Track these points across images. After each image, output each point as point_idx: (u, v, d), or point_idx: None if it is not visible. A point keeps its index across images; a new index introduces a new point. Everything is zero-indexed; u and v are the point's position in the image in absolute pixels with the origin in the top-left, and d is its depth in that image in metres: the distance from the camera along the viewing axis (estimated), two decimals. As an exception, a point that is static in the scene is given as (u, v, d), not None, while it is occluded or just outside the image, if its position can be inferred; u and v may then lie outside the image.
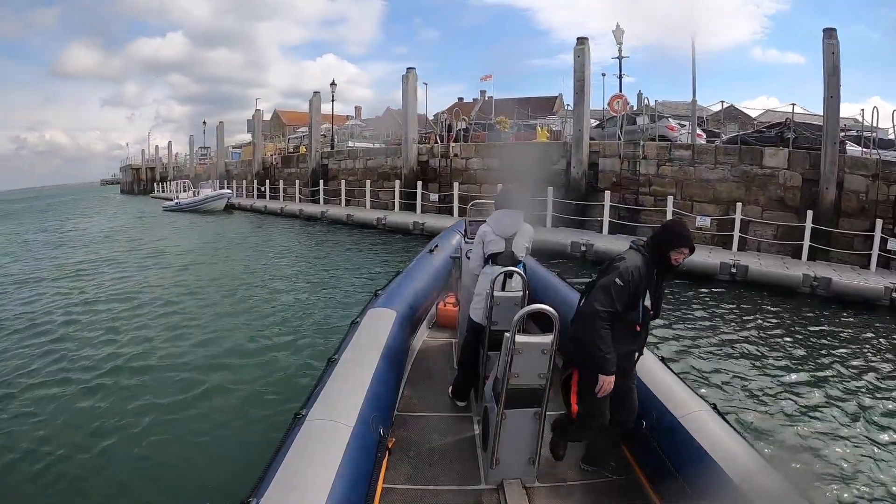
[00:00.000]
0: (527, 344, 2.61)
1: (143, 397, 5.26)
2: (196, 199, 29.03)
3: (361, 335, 3.59)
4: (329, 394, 2.87)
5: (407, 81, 20.03)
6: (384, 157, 22.00)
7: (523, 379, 2.67)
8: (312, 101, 25.39)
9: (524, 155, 17.11)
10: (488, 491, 2.86)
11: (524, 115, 24.45)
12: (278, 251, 14.77)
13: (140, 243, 16.99)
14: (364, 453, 2.58)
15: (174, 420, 4.78)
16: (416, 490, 2.88)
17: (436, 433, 3.37)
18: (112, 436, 4.55)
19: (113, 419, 4.83)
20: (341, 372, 3.08)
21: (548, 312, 2.56)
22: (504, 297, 3.23)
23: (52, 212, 37.12)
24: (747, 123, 16.86)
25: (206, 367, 6.02)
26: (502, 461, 2.83)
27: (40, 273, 12.29)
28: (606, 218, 13.81)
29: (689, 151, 13.19)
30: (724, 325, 7.34)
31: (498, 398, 2.72)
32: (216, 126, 40.03)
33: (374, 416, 2.82)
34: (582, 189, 14.94)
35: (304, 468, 2.26)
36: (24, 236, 21.00)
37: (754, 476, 2.37)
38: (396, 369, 3.55)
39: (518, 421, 2.76)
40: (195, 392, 5.33)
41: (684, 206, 12.73)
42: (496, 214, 3.56)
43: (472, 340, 3.54)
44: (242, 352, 6.52)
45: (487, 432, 2.90)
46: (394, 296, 4.36)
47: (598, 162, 14.97)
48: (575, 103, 16.25)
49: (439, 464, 3.06)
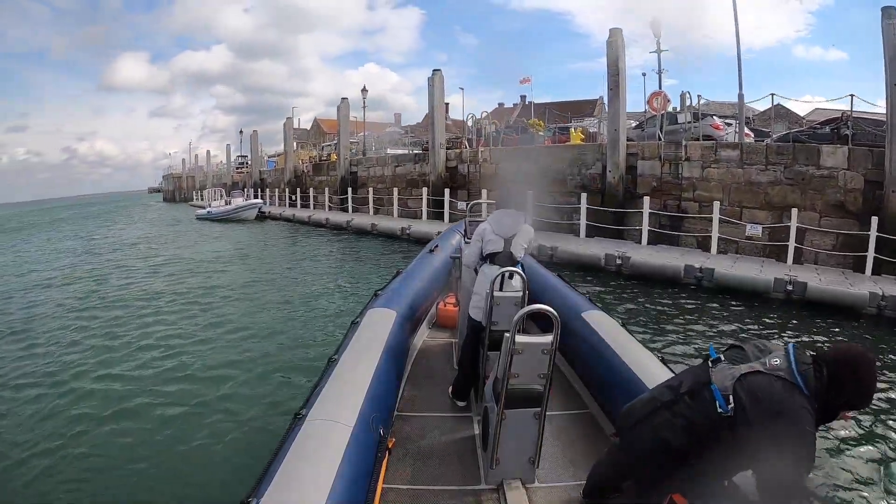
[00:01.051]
0: (527, 344, 2.70)
1: (143, 398, 5.51)
2: (227, 209, 30.26)
3: (361, 335, 3.73)
4: (329, 394, 2.98)
5: (433, 83, 19.70)
6: (412, 163, 22.18)
7: (523, 379, 2.75)
8: (340, 107, 25.50)
9: (556, 158, 16.78)
10: (488, 491, 2.94)
11: (563, 118, 23.82)
12: (293, 259, 15.37)
13: (160, 251, 18.35)
14: (364, 453, 2.66)
15: (174, 420, 4.99)
16: (416, 490, 2.97)
17: (436, 433, 3.48)
18: (112, 436, 4.77)
19: (112, 420, 5.06)
20: (341, 372, 3.21)
21: (548, 312, 2.64)
22: (504, 297, 3.34)
23: (93, 219, 40.65)
24: (795, 122, 16.38)
25: (206, 367, 6.38)
26: (502, 461, 2.91)
27: (51, 278, 13.47)
28: (646, 227, 13.10)
29: (737, 151, 12.42)
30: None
31: (498, 398, 2.81)
32: (250, 135, 41.38)
33: (374, 415, 2.92)
34: (619, 195, 14.19)
35: (303, 468, 2.33)
36: (56, 244, 23.35)
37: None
38: (396, 369, 3.68)
39: (518, 421, 2.85)
40: (195, 392, 5.58)
41: (732, 213, 12.09)
42: (497, 214, 3.72)
43: (472, 340, 3.67)
44: (242, 352, 6.88)
45: (487, 432, 3.00)
46: (394, 296, 4.52)
47: (636, 165, 14.22)
48: (609, 100, 15.44)
49: (439, 464, 3.18)
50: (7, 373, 6.39)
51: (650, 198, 13.24)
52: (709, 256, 11.16)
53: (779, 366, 1.94)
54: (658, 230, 13.06)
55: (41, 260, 17.34)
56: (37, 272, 14.38)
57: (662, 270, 10.34)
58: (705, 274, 9.73)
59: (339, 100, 26.77)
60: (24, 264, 16.39)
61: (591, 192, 14.72)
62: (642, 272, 10.61)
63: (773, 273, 9.27)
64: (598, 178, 15.05)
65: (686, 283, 9.90)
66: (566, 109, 27.80)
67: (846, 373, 1.87)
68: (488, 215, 3.99)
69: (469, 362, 3.69)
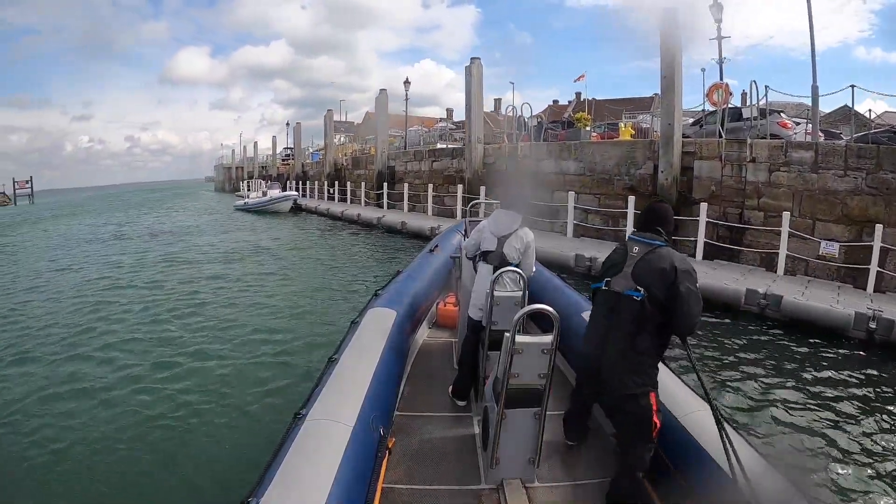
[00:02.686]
0: (527, 344, 2.85)
1: (142, 398, 5.75)
2: (262, 200, 32.16)
3: (361, 335, 3.93)
4: (329, 393, 3.14)
5: (471, 73, 19.17)
6: (449, 158, 22.26)
7: (523, 379, 2.90)
8: (378, 98, 24.71)
9: (603, 156, 15.65)
10: (488, 491, 3.08)
11: (616, 115, 23.93)
12: (310, 258, 15.63)
13: (180, 242, 19.72)
14: (364, 453, 2.79)
15: (174, 420, 5.20)
16: (416, 490, 3.11)
17: (436, 433, 3.65)
18: (112, 435, 4.95)
19: (112, 419, 5.27)
20: (341, 372, 3.39)
21: (548, 312, 2.80)
22: (504, 297, 3.53)
23: (138, 207, 45.76)
24: (863, 125, 14.77)
25: (206, 367, 6.68)
26: (502, 461, 3.07)
27: (61, 266, 15.05)
28: (701, 238, 12.01)
29: (810, 152, 11.28)
30: (866, 415, 5.65)
31: (498, 398, 2.98)
32: (293, 127, 44.43)
33: (374, 415, 3.07)
34: (672, 200, 13.02)
35: (303, 468, 2.43)
36: (81, 230, 26.20)
37: (754, 476, 2.54)
38: (396, 369, 3.89)
39: (518, 421, 3.01)
40: (195, 392, 5.81)
41: (803, 226, 11.04)
42: (496, 213, 3.96)
43: (472, 340, 3.90)
44: (242, 352, 7.20)
45: (487, 432, 3.18)
46: (394, 296, 4.75)
47: (692, 166, 13.16)
48: (663, 91, 14.10)
49: (439, 464, 3.34)
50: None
51: (708, 204, 12.24)
52: (774, 278, 10.46)
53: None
54: (715, 243, 12.07)
55: (32, 252, 19.18)
56: (30, 268, 15.60)
57: (719, 293, 9.38)
58: (770, 301, 8.90)
59: (397, 96, 27.29)
60: (23, 258, 17.82)
61: (641, 195, 13.78)
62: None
63: (852, 305, 8.36)
64: (648, 180, 14.16)
65: (746, 311, 9.05)
66: (621, 107, 26.31)
67: (667, 217, 3.10)
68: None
69: (469, 362, 3.93)
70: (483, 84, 20.46)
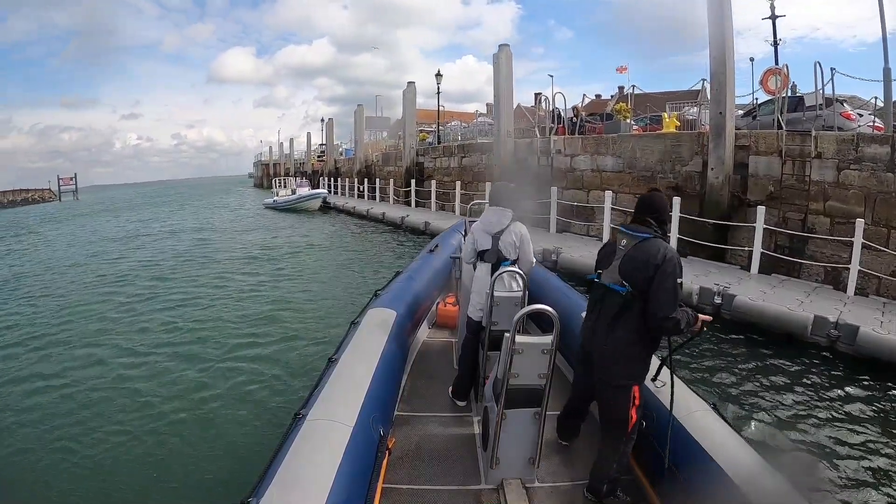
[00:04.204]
0: (527, 344, 2.99)
1: (142, 397, 5.87)
2: (291, 198, 32.65)
3: (361, 335, 4.07)
4: (329, 394, 3.28)
5: (499, 60, 18.20)
6: (479, 154, 21.66)
7: (523, 379, 3.03)
8: (406, 91, 24.21)
9: (644, 150, 14.10)
10: (488, 491, 3.22)
11: (661, 107, 20.95)
12: (325, 262, 15.33)
13: (195, 242, 20.31)
14: (364, 453, 2.92)
15: (174, 420, 5.32)
16: (416, 490, 3.26)
17: (436, 433, 3.81)
18: (112, 435, 5.07)
19: (112, 419, 5.38)
20: (341, 372, 3.55)
21: (548, 312, 2.94)
22: (504, 297, 3.68)
23: (173, 203, 48.91)
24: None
25: (207, 367, 6.84)
26: (502, 461, 3.21)
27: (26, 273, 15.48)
28: (758, 248, 10.60)
29: (886, 147, 9.85)
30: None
31: (498, 398, 3.14)
32: (326, 123, 45.90)
33: (374, 416, 3.22)
34: (723, 202, 11.80)
35: (303, 468, 2.52)
36: (106, 227, 28.53)
37: (754, 476, 2.68)
38: (396, 369, 4.06)
39: (518, 421, 3.16)
40: (195, 392, 5.93)
41: (877, 235, 9.69)
42: (487, 211, 4.14)
43: (471, 340, 4.08)
44: (242, 352, 7.35)
45: (487, 432, 3.36)
46: (394, 296, 4.88)
47: (747, 162, 11.76)
48: (713, 73, 12.42)
49: (439, 464, 3.51)
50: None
51: (766, 207, 10.89)
52: (844, 300, 9.20)
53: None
54: (773, 253, 10.82)
55: (51, 248, 20.99)
56: (26, 267, 16.83)
57: (781, 320, 8.11)
58: (843, 333, 7.52)
59: (435, 91, 26.37)
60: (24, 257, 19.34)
61: (687, 196, 12.63)
62: (749, 319, 8.51)
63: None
64: (696, 178, 12.98)
65: (813, 343, 7.72)
66: (666, 100, 24.38)
67: (662, 207, 3.19)
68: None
69: (469, 362, 4.11)
70: (513, 73, 19.26)
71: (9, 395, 6.46)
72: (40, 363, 7.49)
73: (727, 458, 2.72)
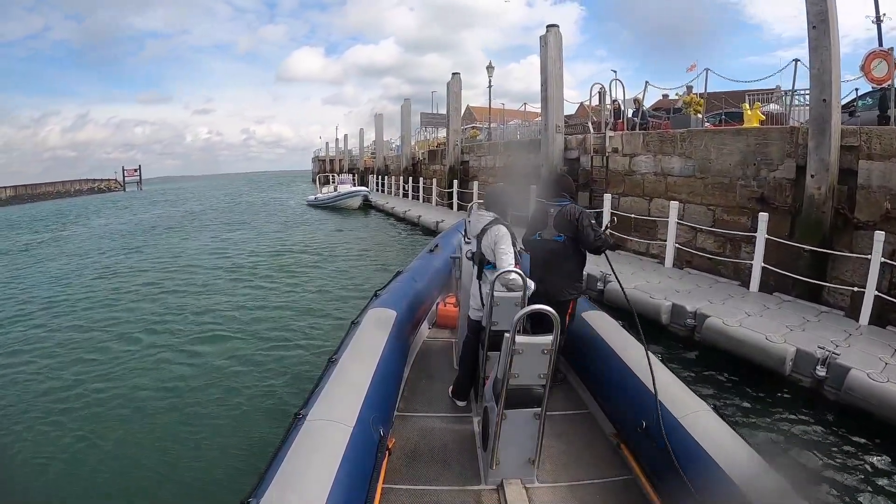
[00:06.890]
0: (527, 344, 3.00)
1: (143, 397, 5.91)
2: (331, 196, 31.80)
3: (361, 335, 4.11)
4: (329, 394, 3.30)
5: (547, 43, 16.02)
6: (526, 152, 18.84)
7: (523, 379, 3.06)
8: (450, 84, 22.85)
9: (720, 150, 10.71)
10: (488, 491, 3.25)
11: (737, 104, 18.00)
12: (337, 267, 14.47)
13: (222, 240, 20.13)
14: (364, 453, 2.93)
15: (174, 420, 5.36)
16: (416, 490, 3.28)
17: (436, 433, 3.85)
18: (112, 435, 5.09)
19: (112, 419, 5.40)
20: (341, 372, 3.56)
21: (548, 312, 2.95)
22: (504, 297, 3.69)
23: (225, 197, 50.85)
24: None
25: (206, 367, 6.89)
26: (502, 461, 3.24)
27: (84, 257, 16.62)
28: (871, 289, 7.22)
29: None
30: None
31: (498, 398, 3.16)
32: (375, 117, 43.73)
33: (373, 416, 3.24)
34: (825, 221, 8.50)
35: (303, 468, 2.53)
36: (147, 217, 30.91)
37: (754, 476, 2.68)
38: (396, 369, 4.10)
39: (518, 421, 3.18)
40: (195, 392, 5.96)
41: None
42: (472, 214, 4.22)
43: (472, 340, 4.13)
44: (242, 352, 7.39)
45: (487, 432, 3.38)
46: (394, 296, 4.91)
47: (856, 169, 8.33)
48: (811, 48, 8.83)
49: (439, 464, 3.53)
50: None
51: (884, 232, 7.44)
52: None
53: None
54: (887, 296, 7.26)
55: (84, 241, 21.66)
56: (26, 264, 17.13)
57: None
58: None
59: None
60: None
61: (776, 210, 9.37)
62: (869, 408, 5.29)
63: None
64: (787, 187, 9.44)
65: None
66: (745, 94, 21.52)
67: (568, 186, 4.64)
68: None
69: (469, 362, 4.15)
70: (563, 59, 15.75)
71: (9, 395, 6.29)
72: (40, 363, 7.32)
73: (727, 458, 2.75)
